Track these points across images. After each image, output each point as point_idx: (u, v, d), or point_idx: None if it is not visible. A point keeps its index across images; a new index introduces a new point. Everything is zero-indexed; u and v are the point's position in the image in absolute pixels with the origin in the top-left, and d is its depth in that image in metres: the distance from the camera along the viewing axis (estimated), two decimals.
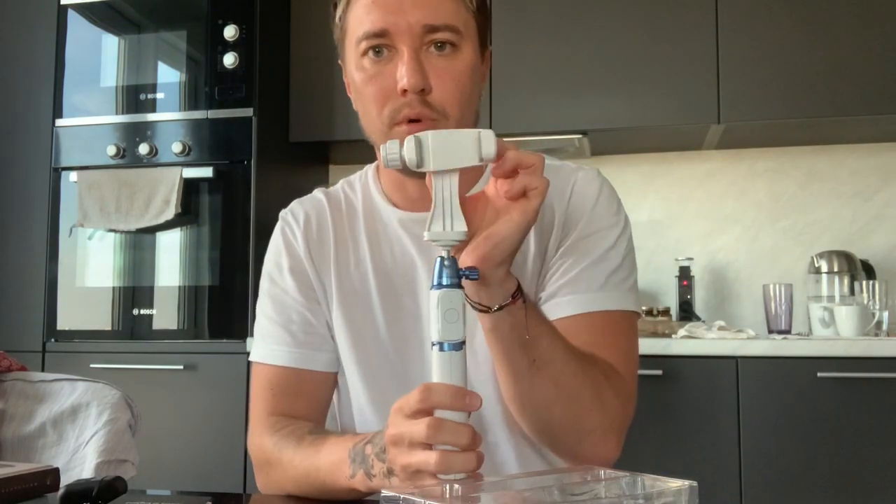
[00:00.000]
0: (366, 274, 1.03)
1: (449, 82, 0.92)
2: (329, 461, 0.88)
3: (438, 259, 0.74)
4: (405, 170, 0.75)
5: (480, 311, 0.80)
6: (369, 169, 1.11)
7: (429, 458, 0.70)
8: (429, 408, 0.71)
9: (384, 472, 0.79)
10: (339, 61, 1.04)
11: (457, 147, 0.73)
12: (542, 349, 0.83)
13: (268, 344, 1.05)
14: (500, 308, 0.79)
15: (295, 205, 1.11)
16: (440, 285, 0.73)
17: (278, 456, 0.96)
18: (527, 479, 0.74)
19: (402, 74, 0.89)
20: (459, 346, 0.73)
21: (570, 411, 0.87)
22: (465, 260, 0.75)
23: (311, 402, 1.04)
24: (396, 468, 0.74)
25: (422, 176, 0.94)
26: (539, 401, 0.86)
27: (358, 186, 1.10)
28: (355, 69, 0.95)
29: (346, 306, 1.03)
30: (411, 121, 0.91)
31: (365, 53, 0.93)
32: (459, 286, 0.74)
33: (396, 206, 1.04)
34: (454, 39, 0.92)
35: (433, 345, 0.73)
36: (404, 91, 0.90)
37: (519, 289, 0.79)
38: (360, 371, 1.02)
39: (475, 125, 0.95)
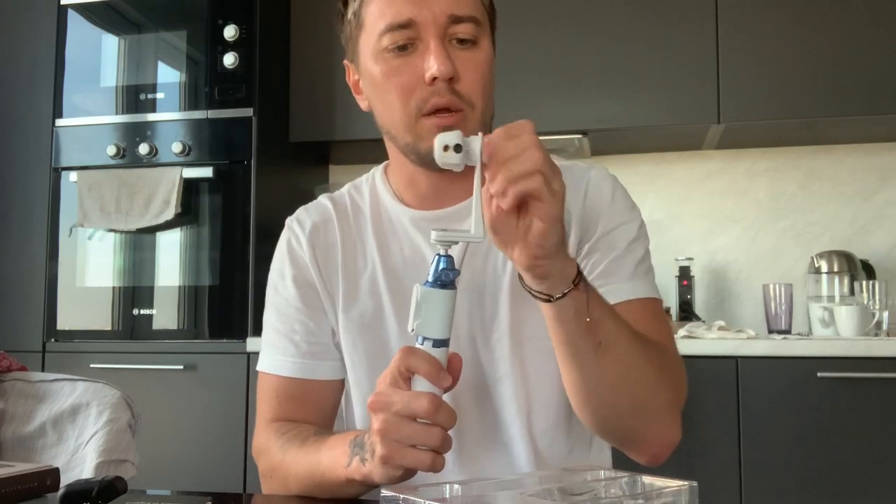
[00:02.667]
0: (375, 275, 1.03)
1: (473, 72, 0.92)
2: (330, 455, 0.88)
3: (436, 256, 0.76)
4: (431, 164, 0.77)
5: (543, 300, 0.79)
6: (377, 171, 1.10)
7: (431, 435, 0.73)
8: (406, 368, 0.75)
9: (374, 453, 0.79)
10: (345, 61, 1.03)
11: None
12: (606, 331, 0.82)
13: (272, 354, 1.05)
14: (563, 296, 0.78)
15: (301, 212, 1.10)
16: (434, 283, 0.75)
17: (282, 457, 0.96)
18: (527, 479, 0.74)
19: (432, 63, 0.89)
20: (441, 343, 0.76)
21: (636, 393, 0.86)
22: (517, 263, 0.76)
23: (318, 409, 1.04)
24: (374, 435, 0.75)
25: (441, 171, 0.95)
26: (606, 384, 0.85)
27: (365, 189, 1.09)
28: (374, 63, 0.94)
29: (356, 310, 1.03)
30: (439, 110, 0.91)
31: (387, 46, 0.92)
32: (450, 284, 0.75)
33: (408, 206, 1.04)
34: (475, 32, 0.93)
35: (423, 339, 0.76)
36: (433, 80, 0.90)
37: (579, 273, 0.79)
38: (370, 375, 1.02)
39: (493, 117, 0.96)
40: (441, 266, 0.76)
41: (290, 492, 0.96)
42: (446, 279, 0.75)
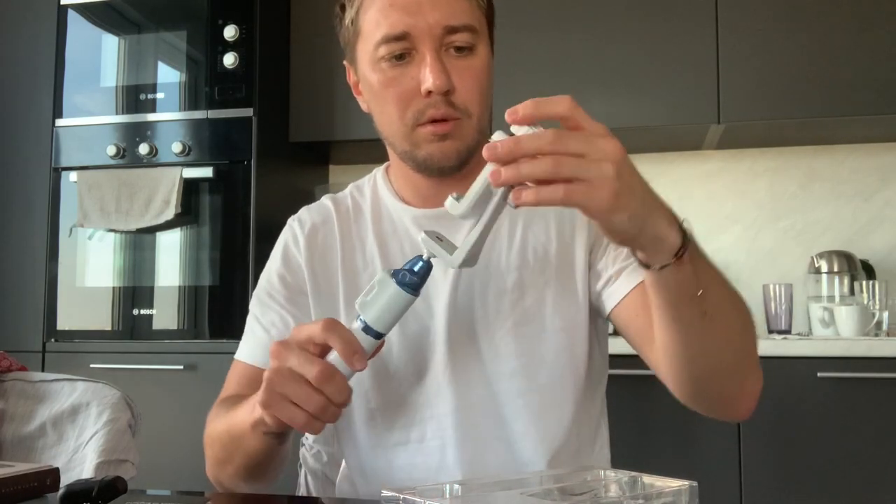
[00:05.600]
0: (374, 275, 1.03)
1: (470, 81, 0.92)
2: (245, 407, 0.87)
3: (416, 257, 0.76)
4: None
5: (643, 268, 0.74)
6: (378, 171, 1.11)
7: (310, 400, 0.74)
8: (323, 341, 0.75)
9: None
10: (345, 62, 1.03)
11: None
12: (712, 300, 0.77)
13: (248, 342, 1.06)
14: (664, 268, 0.72)
15: (303, 212, 1.11)
16: (401, 282, 0.75)
17: (213, 426, 0.97)
18: (528, 479, 0.74)
19: (427, 76, 0.90)
20: (375, 334, 0.76)
21: (735, 356, 0.85)
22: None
23: None
24: (264, 381, 0.76)
25: (440, 176, 0.95)
26: (709, 351, 0.82)
27: (367, 189, 1.10)
28: (371, 71, 0.95)
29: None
30: (435, 121, 0.92)
31: (384, 56, 0.93)
32: (407, 287, 0.76)
33: (409, 205, 1.04)
34: (472, 40, 0.93)
35: (360, 318, 0.76)
36: (428, 93, 0.90)
37: (684, 244, 0.71)
38: (370, 373, 1.01)
39: (491, 120, 0.97)
40: (413, 268, 0.76)
41: (217, 458, 0.95)
42: (406, 281, 0.75)
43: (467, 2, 0.93)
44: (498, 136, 0.68)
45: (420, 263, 0.76)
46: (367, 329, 0.76)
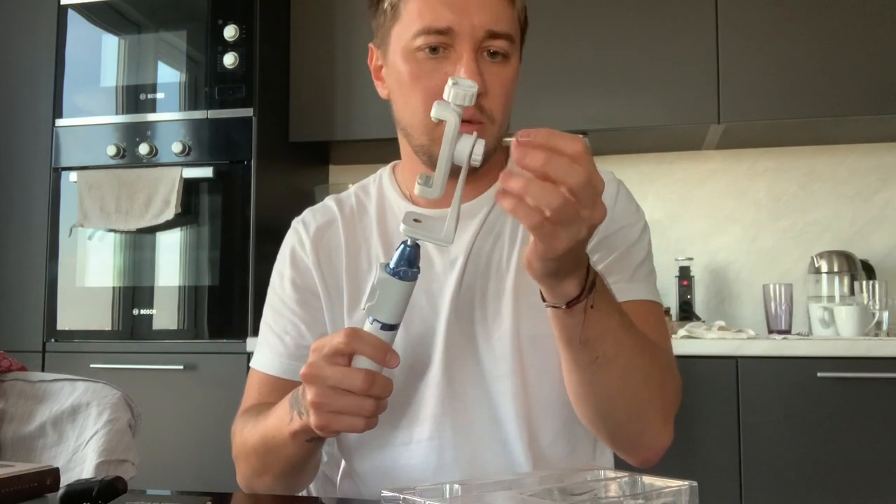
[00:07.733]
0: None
1: (500, 88, 0.93)
2: (275, 416, 0.89)
3: (402, 244, 0.77)
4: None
5: (541, 297, 0.79)
6: (384, 171, 1.11)
7: (363, 407, 0.76)
8: (351, 352, 0.76)
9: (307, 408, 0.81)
10: (371, 45, 1.03)
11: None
12: (604, 348, 0.82)
13: (263, 352, 1.06)
14: (555, 307, 0.78)
15: (307, 214, 1.11)
16: (394, 272, 0.77)
17: (242, 436, 0.98)
18: (527, 479, 0.74)
19: (462, 77, 0.90)
20: (389, 327, 0.78)
21: (632, 404, 0.88)
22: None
23: None
24: (308, 406, 0.78)
25: (454, 176, 0.95)
26: (601, 394, 0.87)
27: (372, 189, 1.10)
28: (403, 60, 0.95)
29: (360, 310, 1.03)
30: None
31: (420, 47, 0.93)
32: (409, 278, 0.77)
33: (416, 204, 1.04)
34: (508, 48, 0.94)
35: (373, 319, 0.78)
36: None
37: (579, 297, 0.77)
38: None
39: (508, 128, 0.97)
40: (404, 257, 0.77)
41: (253, 469, 0.96)
42: (404, 274, 0.76)
43: (511, 11, 0.95)
44: (437, 111, 0.75)
45: (408, 250, 0.77)
46: (384, 326, 0.78)
